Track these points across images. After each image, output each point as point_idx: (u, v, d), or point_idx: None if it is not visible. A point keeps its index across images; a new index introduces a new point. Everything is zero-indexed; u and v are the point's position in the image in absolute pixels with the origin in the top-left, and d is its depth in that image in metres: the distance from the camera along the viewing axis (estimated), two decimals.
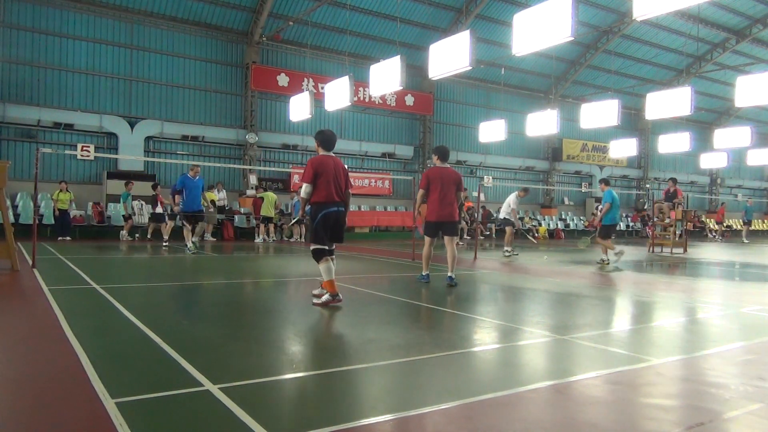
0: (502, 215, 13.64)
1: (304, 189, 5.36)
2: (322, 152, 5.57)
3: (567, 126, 25.64)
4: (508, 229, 13.30)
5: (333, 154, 5.61)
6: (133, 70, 17.93)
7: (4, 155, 15.95)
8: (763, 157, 26.17)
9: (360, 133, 22.30)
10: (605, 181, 11.62)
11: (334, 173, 5.38)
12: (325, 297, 5.27)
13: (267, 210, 16.39)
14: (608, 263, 10.88)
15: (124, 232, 15.38)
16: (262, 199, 16.58)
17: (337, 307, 5.21)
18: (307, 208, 5.57)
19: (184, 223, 11.50)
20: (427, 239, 7.23)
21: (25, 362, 3.31)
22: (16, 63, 16.23)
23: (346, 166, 5.69)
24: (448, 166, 7.22)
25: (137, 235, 15.77)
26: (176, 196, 11.95)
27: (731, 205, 33.93)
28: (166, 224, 13.80)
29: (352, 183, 6.44)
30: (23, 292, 6.07)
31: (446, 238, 7.15)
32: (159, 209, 14.89)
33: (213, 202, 16.18)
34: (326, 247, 5.35)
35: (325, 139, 5.56)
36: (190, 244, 11.32)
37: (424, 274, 7.21)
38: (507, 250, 12.82)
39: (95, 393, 2.66)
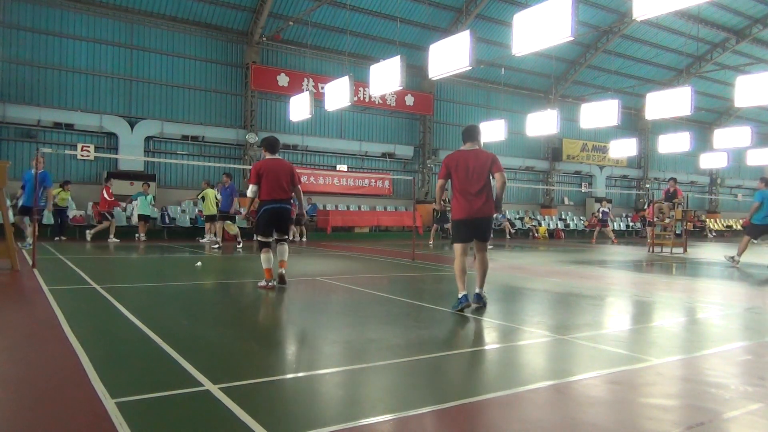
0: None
1: (250, 189, 6.26)
2: (267, 156, 6.37)
3: (567, 126, 25.63)
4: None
5: (278, 157, 6.42)
6: (133, 70, 17.93)
7: (4, 155, 15.95)
8: (763, 157, 26.15)
9: (360, 133, 22.30)
10: (765, 181, 10.78)
11: (276, 174, 6.17)
12: (262, 282, 6.25)
13: (208, 208, 14.28)
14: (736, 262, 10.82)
15: (142, 235, 14.97)
16: (203, 198, 14.15)
17: (336, 306, 5.20)
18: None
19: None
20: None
21: (25, 362, 3.31)
22: (16, 63, 16.23)
23: (293, 166, 6.46)
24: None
25: (137, 235, 15.56)
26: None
27: (731, 205, 33.95)
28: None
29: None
30: (23, 292, 6.07)
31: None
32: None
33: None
34: (269, 240, 6.25)
35: (269, 144, 6.42)
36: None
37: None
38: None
39: (95, 393, 2.66)
